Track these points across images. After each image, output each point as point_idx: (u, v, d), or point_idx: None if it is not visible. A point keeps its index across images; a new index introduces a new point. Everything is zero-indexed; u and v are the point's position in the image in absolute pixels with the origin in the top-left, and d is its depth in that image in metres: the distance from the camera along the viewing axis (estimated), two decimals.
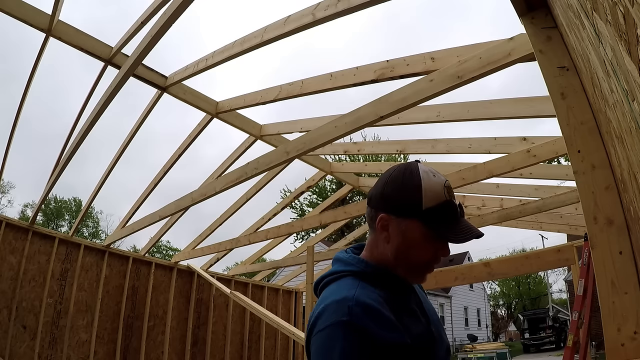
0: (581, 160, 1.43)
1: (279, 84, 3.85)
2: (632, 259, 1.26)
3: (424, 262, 1.05)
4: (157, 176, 5.13)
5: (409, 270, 1.06)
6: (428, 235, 1.02)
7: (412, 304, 1.08)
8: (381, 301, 0.97)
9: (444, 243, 1.04)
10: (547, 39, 1.66)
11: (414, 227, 1.02)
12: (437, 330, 1.10)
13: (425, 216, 1.01)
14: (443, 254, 1.05)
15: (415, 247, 1.03)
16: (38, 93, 30.01)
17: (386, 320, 0.94)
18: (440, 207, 1.01)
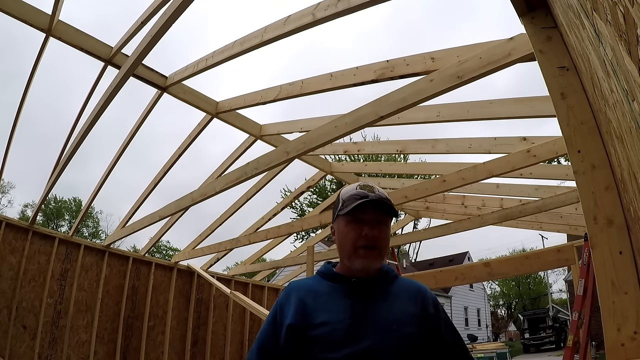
0: (581, 160, 1.43)
1: (284, 83, 3.85)
2: (632, 259, 1.26)
3: (351, 243, 1.23)
4: (157, 176, 5.13)
5: (348, 257, 1.25)
6: (348, 221, 1.25)
7: (344, 298, 1.23)
8: (307, 288, 1.29)
9: (361, 223, 1.23)
10: (547, 39, 1.66)
11: (340, 221, 1.28)
12: (357, 330, 1.16)
13: (342, 207, 1.26)
14: (366, 232, 1.22)
15: (343, 235, 1.26)
16: (41, 92, 30.07)
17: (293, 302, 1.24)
18: (351, 196, 1.26)
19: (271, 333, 1.24)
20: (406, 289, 1.30)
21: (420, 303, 1.27)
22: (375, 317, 1.19)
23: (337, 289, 1.26)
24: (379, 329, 1.17)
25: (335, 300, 1.23)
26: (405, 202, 4.73)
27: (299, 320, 1.20)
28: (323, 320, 1.18)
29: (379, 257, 1.26)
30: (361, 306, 1.21)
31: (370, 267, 1.25)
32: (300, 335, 1.18)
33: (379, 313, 1.21)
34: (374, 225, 1.24)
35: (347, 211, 1.24)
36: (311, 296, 1.26)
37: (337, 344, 1.15)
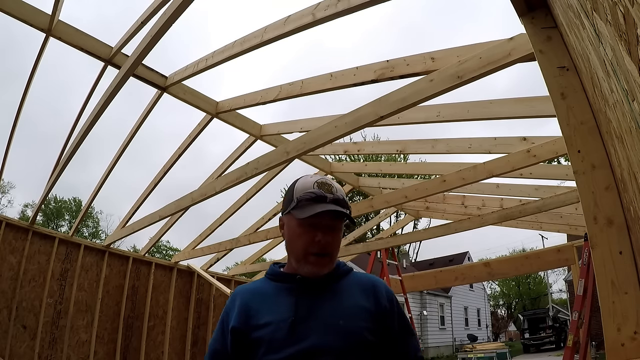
0: (581, 160, 1.43)
1: (284, 83, 3.85)
2: (632, 259, 1.26)
3: (303, 248, 1.19)
4: (157, 176, 5.13)
5: (296, 260, 1.22)
6: (301, 222, 1.18)
7: (289, 296, 1.20)
8: (252, 290, 1.27)
9: (315, 228, 1.18)
10: (547, 39, 1.66)
11: (291, 218, 1.22)
12: (300, 329, 1.12)
13: (296, 205, 1.19)
14: (319, 239, 1.17)
15: (294, 237, 1.21)
16: (41, 92, 30.04)
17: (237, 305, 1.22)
18: (307, 194, 1.19)
19: (220, 339, 1.22)
20: (358, 283, 1.26)
21: (373, 297, 1.22)
22: (320, 314, 1.15)
23: (283, 289, 1.22)
24: (324, 325, 1.13)
25: (280, 300, 1.20)
26: (405, 202, 4.73)
27: (242, 323, 1.18)
28: (266, 321, 1.16)
29: (329, 263, 1.22)
30: (306, 303, 1.17)
31: (319, 274, 1.21)
32: (244, 339, 1.16)
33: (325, 309, 1.17)
34: (327, 232, 1.19)
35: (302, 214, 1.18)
36: (256, 298, 1.23)
37: (279, 345, 1.11)
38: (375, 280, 1.29)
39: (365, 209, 5.09)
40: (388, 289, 1.28)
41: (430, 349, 22.56)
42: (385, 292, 1.25)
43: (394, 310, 1.23)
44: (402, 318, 1.26)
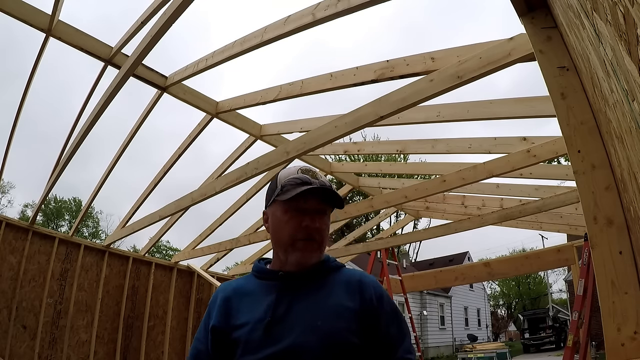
0: (581, 160, 1.43)
1: (284, 83, 3.85)
2: (632, 259, 1.26)
3: (289, 234, 1.14)
4: (158, 176, 5.13)
5: (283, 250, 1.16)
6: (286, 209, 1.15)
7: (269, 295, 1.14)
8: (235, 288, 1.22)
9: (302, 213, 1.13)
10: (547, 39, 1.66)
11: (276, 207, 1.18)
12: (277, 330, 1.07)
13: (281, 193, 1.15)
14: (307, 223, 1.13)
15: (280, 225, 1.16)
16: (43, 92, 30.03)
17: (218, 303, 1.19)
18: (292, 180, 1.15)
19: (203, 337, 1.19)
20: (346, 280, 1.18)
21: (359, 294, 1.14)
22: (299, 314, 1.10)
23: (265, 287, 1.17)
24: (302, 326, 1.07)
25: (261, 298, 1.15)
26: (405, 202, 4.73)
27: (221, 322, 1.14)
28: (243, 321, 1.12)
29: (318, 250, 1.16)
30: (286, 302, 1.12)
31: (308, 262, 1.15)
32: (223, 338, 1.12)
33: (305, 308, 1.10)
34: (315, 216, 1.14)
35: (288, 198, 1.12)
36: (237, 296, 1.19)
37: (255, 346, 1.07)
38: (364, 276, 1.22)
39: (365, 209, 5.09)
40: (377, 286, 1.21)
41: (430, 349, 22.56)
42: (373, 289, 1.17)
43: (382, 308, 1.16)
44: (392, 317, 1.17)
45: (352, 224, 22.30)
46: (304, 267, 1.15)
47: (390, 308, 1.18)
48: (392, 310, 1.18)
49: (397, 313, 1.20)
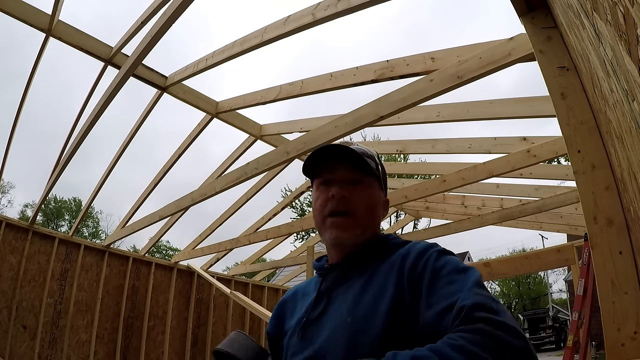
0: (581, 160, 1.43)
1: (284, 83, 3.85)
2: (632, 259, 1.26)
3: (320, 211, 1.01)
4: (158, 176, 5.13)
5: (320, 231, 1.03)
6: (317, 184, 1.04)
7: (313, 293, 1.01)
8: (295, 290, 1.12)
9: (330, 184, 1.00)
10: (547, 39, 1.66)
11: (313, 185, 1.06)
12: (311, 332, 0.93)
13: (304, 165, 1.04)
14: (333, 193, 0.98)
15: (314, 203, 1.04)
16: (43, 92, 30.02)
17: (275, 308, 1.11)
18: (314, 152, 1.02)
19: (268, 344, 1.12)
20: (394, 259, 0.92)
21: (398, 270, 0.88)
22: (333, 310, 0.94)
23: (314, 283, 1.05)
24: (332, 324, 0.90)
25: (307, 298, 1.02)
26: (405, 202, 4.73)
27: (274, 329, 1.07)
28: (289, 326, 1.02)
29: (352, 226, 0.96)
30: (325, 299, 0.97)
31: (341, 240, 0.96)
32: (276, 346, 1.04)
33: (339, 303, 0.93)
34: (344, 186, 0.98)
35: (308, 169, 1.02)
36: (294, 299, 1.08)
37: (292, 352, 0.96)
38: (411, 246, 0.94)
39: None
40: (423, 249, 0.90)
41: None
42: (415, 255, 0.88)
43: (423, 276, 0.83)
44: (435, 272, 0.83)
45: None
46: (343, 249, 0.98)
47: (437, 263, 0.85)
48: (439, 264, 0.84)
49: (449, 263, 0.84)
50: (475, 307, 0.70)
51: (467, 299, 0.72)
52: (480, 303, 0.71)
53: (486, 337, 0.65)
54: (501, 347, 0.64)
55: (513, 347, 0.65)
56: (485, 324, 0.67)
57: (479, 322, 0.68)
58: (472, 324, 0.68)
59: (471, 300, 0.72)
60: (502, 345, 0.65)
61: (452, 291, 0.77)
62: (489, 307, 0.71)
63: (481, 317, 0.68)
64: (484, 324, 0.67)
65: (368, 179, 1.01)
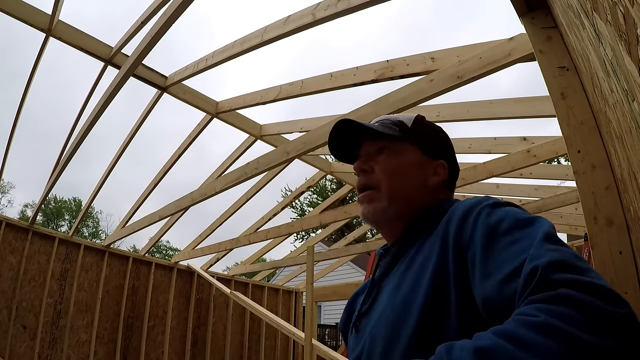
0: (581, 160, 1.43)
1: (284, 83, 3.85)
2: (632, 259, 1.26)
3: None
4: (158, 176, 5.13)
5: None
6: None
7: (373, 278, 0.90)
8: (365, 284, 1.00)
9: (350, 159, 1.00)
10: (547, 39, 1.66)
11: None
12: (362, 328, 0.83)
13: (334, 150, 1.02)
14: (355, 166, 0.95)
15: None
16: (43, 92, 30.05)
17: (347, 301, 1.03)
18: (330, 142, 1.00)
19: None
20: (440, 226, 0.76)
21: (441, 242, 0.72)
22: (379, 301, 0.82)
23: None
24: (378, 317, 0.78)
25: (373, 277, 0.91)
26: None
27: (343, 325, 0.99)
28: (352, 320, 0.92)
29: (376, 197, 0.87)
30: (376, 288, 0.86)
31: (366, 215, 0.89)
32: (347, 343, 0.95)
33: (385, 292, 0.81)
34: (367, 158, 0.92)
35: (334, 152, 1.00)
36: (361, 292, 0.98)
37: (350, 348, 0.87)
38: (455, 207, 0.76)
39: None
40: (468, 206, 0.73)
41: None
42: (459, 216, 0.72)
43: (474, 234, 0.67)
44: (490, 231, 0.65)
45: (352, 224, 22.30)
46: (381, 227, 0.90)
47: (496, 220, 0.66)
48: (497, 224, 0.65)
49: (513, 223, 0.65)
50: (553, 267, 0.52)
51: (540, 257, 0.55)
52: (558, 260, 0.53)
53: (573, 307, 0.47)
54: (596, 318, 0.46)
55: (612, 317, 0.46)
56: (569, 287, 0.49)
57: (561, 285, 0.50)
58: (551, 289, 0.50)
59: (545, 258, 0.54)
60: (597, 316, 0.46)
61: (517, 251, 0.59)
62: (571, 264, 0.53)
63: (563, 280, 0.51)
64: (567, 287, 0.49)
65: (394, 143, 0.90)
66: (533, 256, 0.56)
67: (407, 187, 0.88)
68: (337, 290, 4.96)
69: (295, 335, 5.22)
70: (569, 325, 0.45)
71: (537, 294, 0.51)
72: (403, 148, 0.91)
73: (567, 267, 0.52)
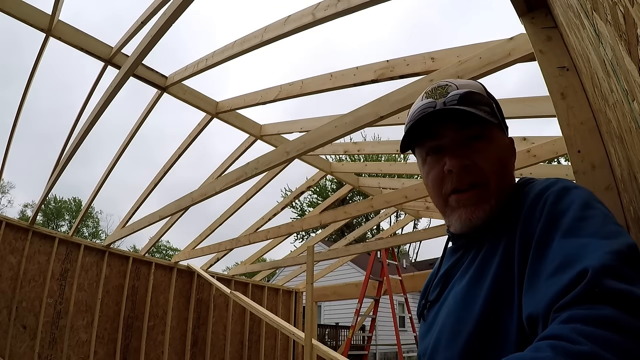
0: (581, 160, 1.43)
1: (284, 83, 3.85)
2: None
3: (436, 191, 0.79)
4: (158, 176, 5.13)
5: (441, 212, 0.82)
6: (422, 155, 0.83)
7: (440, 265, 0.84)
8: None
9: (440, 153, 0.79)
10: (547, 39, 1.66)
11: (417, 156, 0.86)
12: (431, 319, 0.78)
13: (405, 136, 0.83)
14: (447, 165, 0.75)
15: (425, 179, 0.83)
16: (43, 92, 30.05)
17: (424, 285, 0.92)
18: (413, 115, 0.81)
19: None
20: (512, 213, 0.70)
21: (509, 231, 0.67)
22: (447, 294, 0.77)
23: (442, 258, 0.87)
24: (447, 311, 0.73)
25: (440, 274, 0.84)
26: (405, 202, 4.73)
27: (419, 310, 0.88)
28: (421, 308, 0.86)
29: (485, 198, 0.73)
30: (444, 278, 0.80)
31: (474, 222, 0.74)
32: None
33: (455, 286, 0.75)
34: (459, 149, 0.75)
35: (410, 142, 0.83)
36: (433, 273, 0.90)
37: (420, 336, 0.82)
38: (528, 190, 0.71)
39: (365, 209, 5.09)
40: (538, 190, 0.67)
41: None
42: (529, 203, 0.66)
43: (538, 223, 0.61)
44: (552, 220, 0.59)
45: (352, 224, 22.31)
46: (474, 228, 0.76)
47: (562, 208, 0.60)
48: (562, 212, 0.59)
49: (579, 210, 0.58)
50: (602, 273, 0.44)
51: (593, 257, 0.46)
52: (609, 266, 0.44)
53: (622, 333, 0.39)
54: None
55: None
56: (614, 306, 0.41)
57: (606, 301, 0.42)
58: (596, 303, 0.42)
59: (598, 259, 0.45)
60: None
61: (572, 246, 0.51)
62: (620, 271, 0.44)
63: (610, 292, 0.42)
64: (612, 306, 0.41)
65: (487, 128, 0.78)
66: (586, 253, 0.48)
67: (509, 179, 0.78)
68: (337, 290, 4.97)
69: (295, 335, 5.22)
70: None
71: (579, 307, 0.43)
72: (494, 131, 0.80)
73: (616, 274, 0.44)
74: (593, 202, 0.60)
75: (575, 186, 0.65)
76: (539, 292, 0.51)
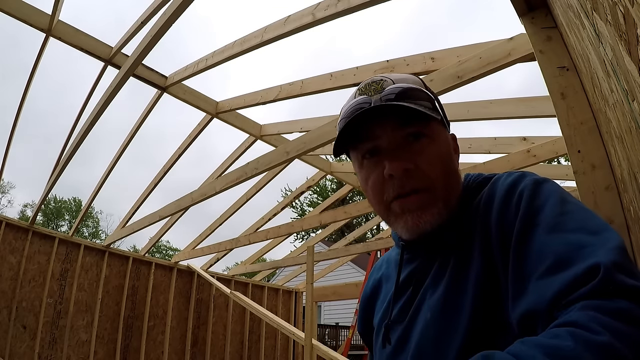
0: (581, 160, 1.43)
1: (284, 83, 3.85)
2: (632, 259, 1.26)
3: (376, 198, 0.71)
4: (158, 176, 5.13)
5: (385, 218, 0.73)
6: (358, 158, 0.74)
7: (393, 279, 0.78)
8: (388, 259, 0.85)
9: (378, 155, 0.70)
10: (547, 39, 1.66)
11: (353, 158, 0.76)
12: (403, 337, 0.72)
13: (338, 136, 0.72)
14: (387, 169, 0.67)
15: (362, 186, 0.75)
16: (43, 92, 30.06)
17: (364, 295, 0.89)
18: (346, 112, 0.72)
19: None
20: (480, 211, 0.67)
21: (482, 230, 0.64)
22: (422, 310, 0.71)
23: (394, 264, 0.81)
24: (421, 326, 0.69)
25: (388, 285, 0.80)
26: None
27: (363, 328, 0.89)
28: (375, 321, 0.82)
29: (431, 201, 0.67)
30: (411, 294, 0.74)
31: (421, 228, 0.68)
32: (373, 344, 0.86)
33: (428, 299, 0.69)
34: (400, 152, 0.68)
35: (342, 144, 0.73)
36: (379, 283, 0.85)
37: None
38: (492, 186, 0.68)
39: (365, 209, 5.09)
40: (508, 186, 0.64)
41: None
42: (500, 199, 0.63)
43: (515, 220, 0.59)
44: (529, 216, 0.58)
45: (352, 224, 22.30)
46: (423, 235, 0.69)
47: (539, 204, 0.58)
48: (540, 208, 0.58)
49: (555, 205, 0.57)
50: (614, 268, 0.44)
51: (599, 253, 0.47)
52: (618, 262, 0.45)
53: (635, 327, 0.40)
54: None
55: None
56: (629, 300, 0.42)
57: (622, 295, 0.42)
58: (612, 297, 0.42)
59: (605, 255, 0.46)
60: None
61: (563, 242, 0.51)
62: (627, 267, 0.45)
63: (624, 287, 0.43)
64: (629, 300, 0.42)
65: (429, 125, 0.70)
66: (593, 250, 0.48)
67: (456, 178, 0.73)
68: (337, 290, 4.97)
69: (295, 335, 5.22)
70: (630, 351, 0.38)
71: (596, 299, 0.43)
72: (437, 128, 0.72)
73: (626, 271, 0.45)
74: (566, 195, 0.59)
75: (544, 179, 0.63)
76: (535, 290, 0.50)
